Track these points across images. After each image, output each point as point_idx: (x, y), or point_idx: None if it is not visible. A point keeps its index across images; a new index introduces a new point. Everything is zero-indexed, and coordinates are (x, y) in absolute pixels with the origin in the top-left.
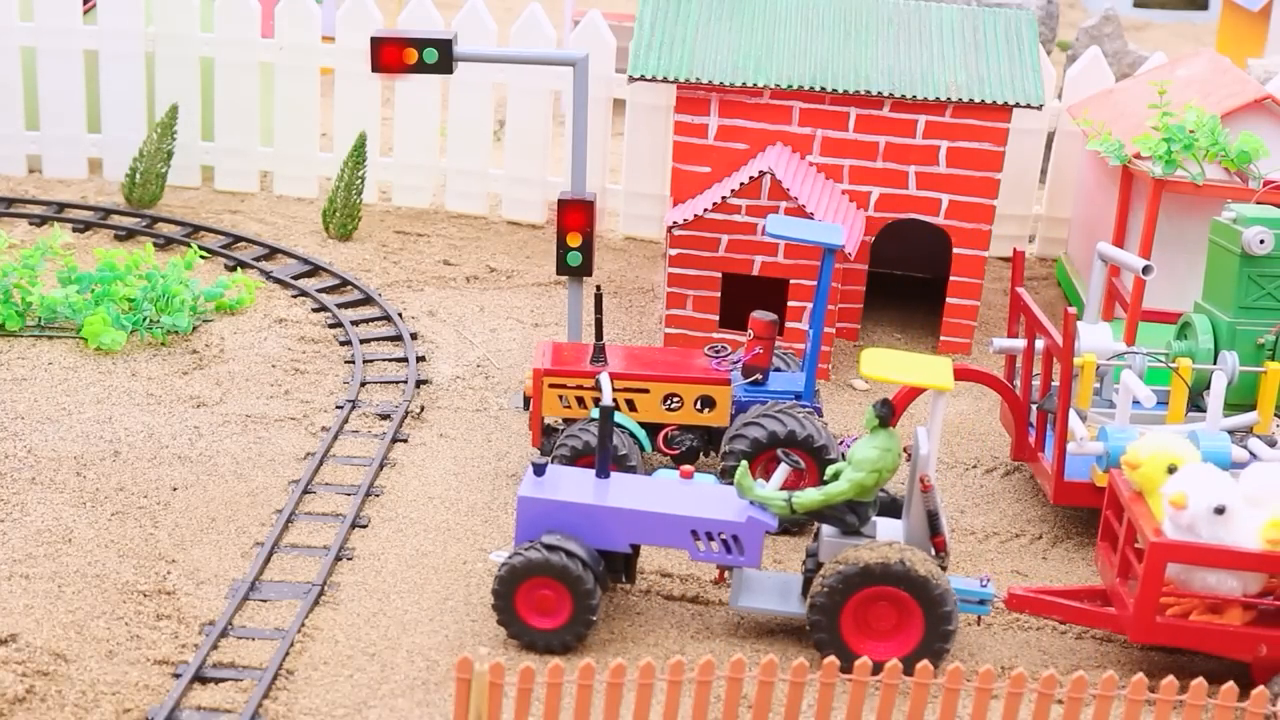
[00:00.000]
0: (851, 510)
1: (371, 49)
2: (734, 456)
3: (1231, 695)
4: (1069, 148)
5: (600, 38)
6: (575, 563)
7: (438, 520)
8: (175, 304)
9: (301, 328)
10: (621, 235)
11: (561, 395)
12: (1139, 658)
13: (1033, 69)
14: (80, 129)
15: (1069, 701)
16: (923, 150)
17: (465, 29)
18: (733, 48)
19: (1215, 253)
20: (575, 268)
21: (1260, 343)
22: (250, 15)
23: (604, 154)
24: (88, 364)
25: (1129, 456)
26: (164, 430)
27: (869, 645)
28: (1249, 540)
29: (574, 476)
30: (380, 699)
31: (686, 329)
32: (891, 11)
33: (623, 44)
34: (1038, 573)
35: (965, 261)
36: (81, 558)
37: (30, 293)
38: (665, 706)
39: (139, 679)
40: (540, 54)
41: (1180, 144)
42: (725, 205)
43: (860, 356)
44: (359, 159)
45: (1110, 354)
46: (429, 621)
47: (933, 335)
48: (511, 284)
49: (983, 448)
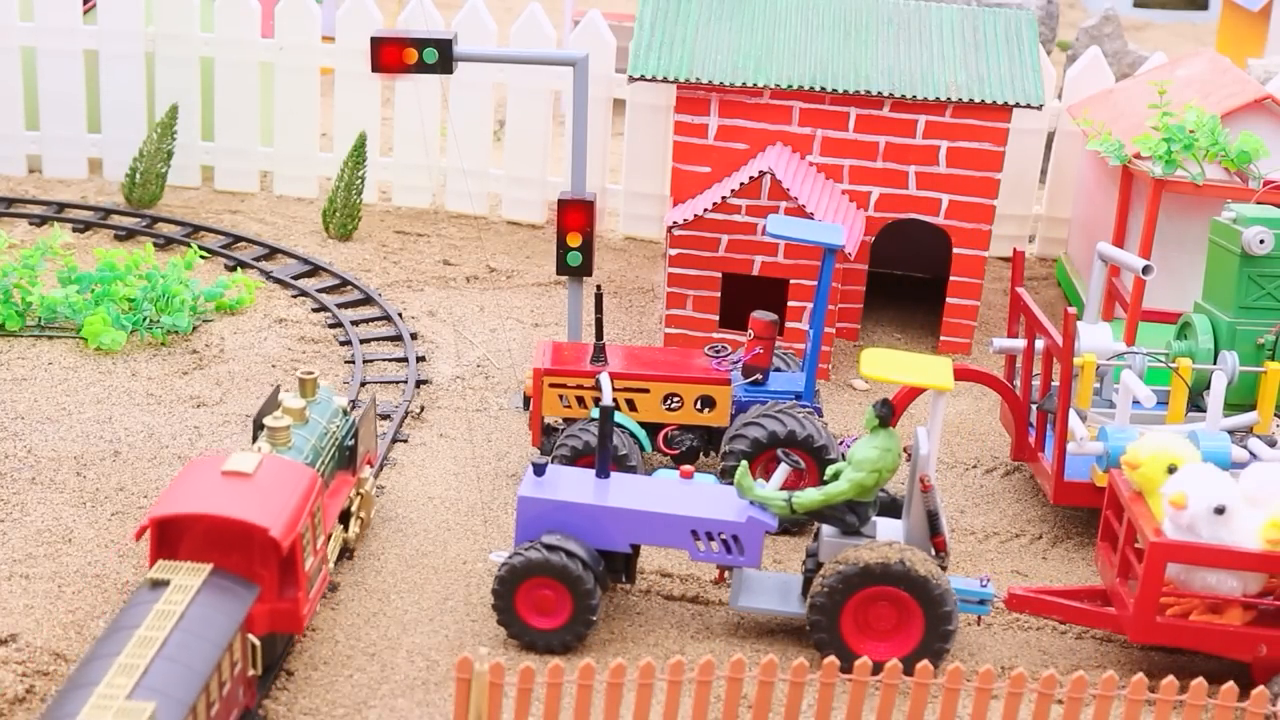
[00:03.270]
0: (851, 510)
1: (371, 49)
2: (734, 456)
3: (1231, 695)
4: (1069, 148)
5: (600, 38)
6: (575, 563)
7: (438, 520)
8: (175, 304)
9: (301, 328)
10: (621, 235)
11: (562, 395)
12: (1139, 658)
13: (1033, 69)
14: (80, 129)
15: (1069, 701)
16: (923, 150)
17: (465, 29)
18: (733, 48)
19: (1215, 253)
20: (575, 268)
21: (1260, 343)
22: (250, 15)
23: (604, 154)
24: (88, 364)
25: (1129, 456)
26: (164, 430)
27: (869, 645)
28: (1249, 540)
29: (574, 476)
30: (380, 699)
31: (686, 329)
32: (891, 11)
33: (623, 44)
34: (1038, 573)
35: (965, 261)
36: (81, 558)
37: (30, 293)
38: (665, 706)
39: None
40: (540, 54)
41: (1180, 144)
42: (725, 205)
43: (860, 356)
44: (359, 159)
45: (1110, 354)
46: (429, 621)
47: (933, 335)
48: (511, 284)
49: (983, 448)
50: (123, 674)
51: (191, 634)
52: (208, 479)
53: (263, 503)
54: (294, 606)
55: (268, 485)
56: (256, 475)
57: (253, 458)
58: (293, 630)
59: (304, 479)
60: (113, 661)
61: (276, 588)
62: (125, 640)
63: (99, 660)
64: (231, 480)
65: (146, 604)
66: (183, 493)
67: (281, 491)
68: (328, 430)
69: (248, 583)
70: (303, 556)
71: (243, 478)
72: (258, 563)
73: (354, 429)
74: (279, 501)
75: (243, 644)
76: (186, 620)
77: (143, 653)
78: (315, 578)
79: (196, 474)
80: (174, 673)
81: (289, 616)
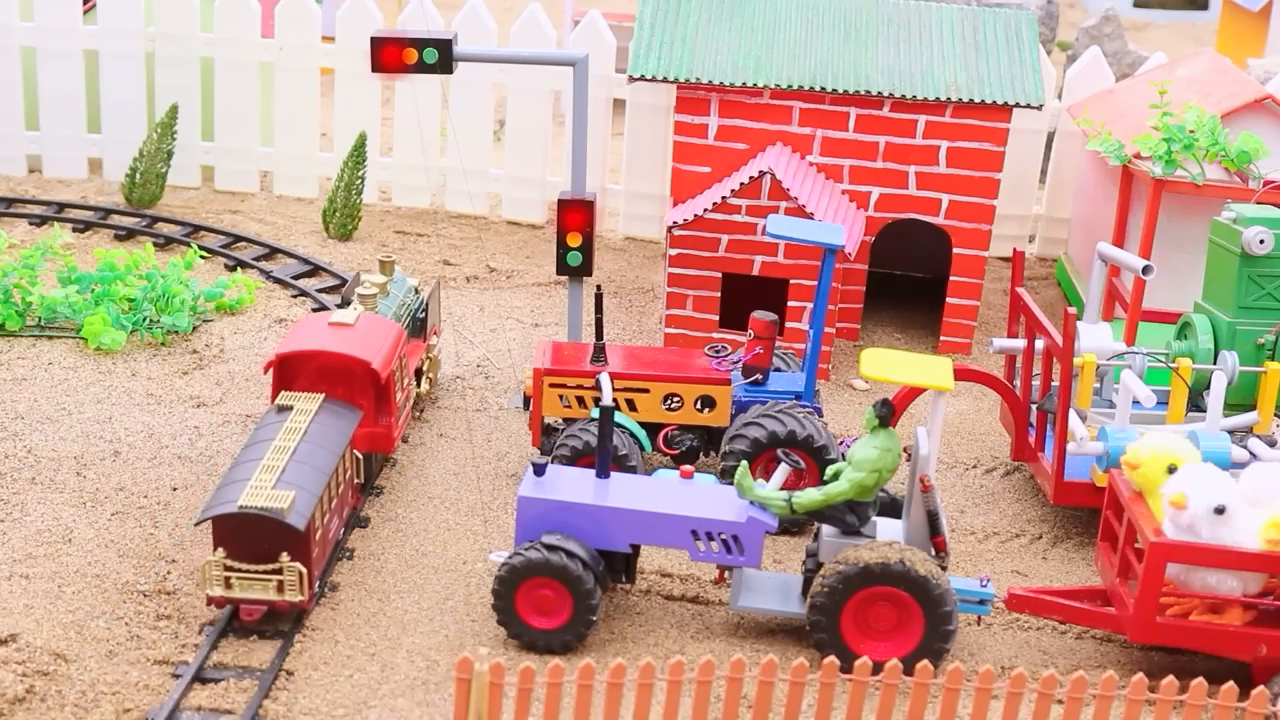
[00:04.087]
0: (851, 510)
1: (371, 49)
2: (734, 456)
3: (1231, 695)
4: (1069, 148)
5: (600, 38)
6: (575, 563)
7: (438, 520)
8: (175, 304)
9: None
10: (621, 235)
11: (562, 395)
12: (1139, 658)
13: (1033, 69)
14: (80, 129)
15: (1069, 701)
16: (923, 150)
17: (465, 29)
18: (733, 48)
19: (1215, 253)
20: (575, 268)
21: (1260, 343)
22: (250, 15)
23: (604, 154)
24: (88, 364)
25: (1129, 456)
26: (164, 430)
27: (869, 645)
28: (1249, 540)
29: (574, 476)
30: (380, 699)
31: (686, 329)
32: (891, 11)
33: (623, 44)
34: (1038, 573)
35: (965, 261)
36: (81, 558)
37: (30, 293)
38: (665, 706)
39: (139, 679)
40: (540, 54)
41: (1180, 144)
42: (725, 205)
43: (860, 356)
44: (359, 159)
45: (1110, 354)
46: (429, 621)
47: (933, 335)
48: (511, 284)
49: (983, 448)
50: (266, 472)
51: (314, 445)
52: (318, 328)
53: (364, 345)
54: (388, 430)
55: (366, 333)
56: (356, 325)
57: (353, 313)
58: (386, 450)
59: (393, 330)
60: (257, 464)
61: (374, 414)
62: (264, 449)
63: (245, 464)
64: (337, 329)
65: (276, 424)
66: (299, 338)
67: (377, 338)
68: (403, 303)
69: (353, 408)
70: (394, 390)
71: (346, 327)
72: (359, 393)
73: (424, 303)
74: (376, 345)
75: (350, 457)
76: (309, 435)
77: (279, 458)
78: (401, 411)
79: (309, 325)
80: (304, 472)
81: (383, 438)
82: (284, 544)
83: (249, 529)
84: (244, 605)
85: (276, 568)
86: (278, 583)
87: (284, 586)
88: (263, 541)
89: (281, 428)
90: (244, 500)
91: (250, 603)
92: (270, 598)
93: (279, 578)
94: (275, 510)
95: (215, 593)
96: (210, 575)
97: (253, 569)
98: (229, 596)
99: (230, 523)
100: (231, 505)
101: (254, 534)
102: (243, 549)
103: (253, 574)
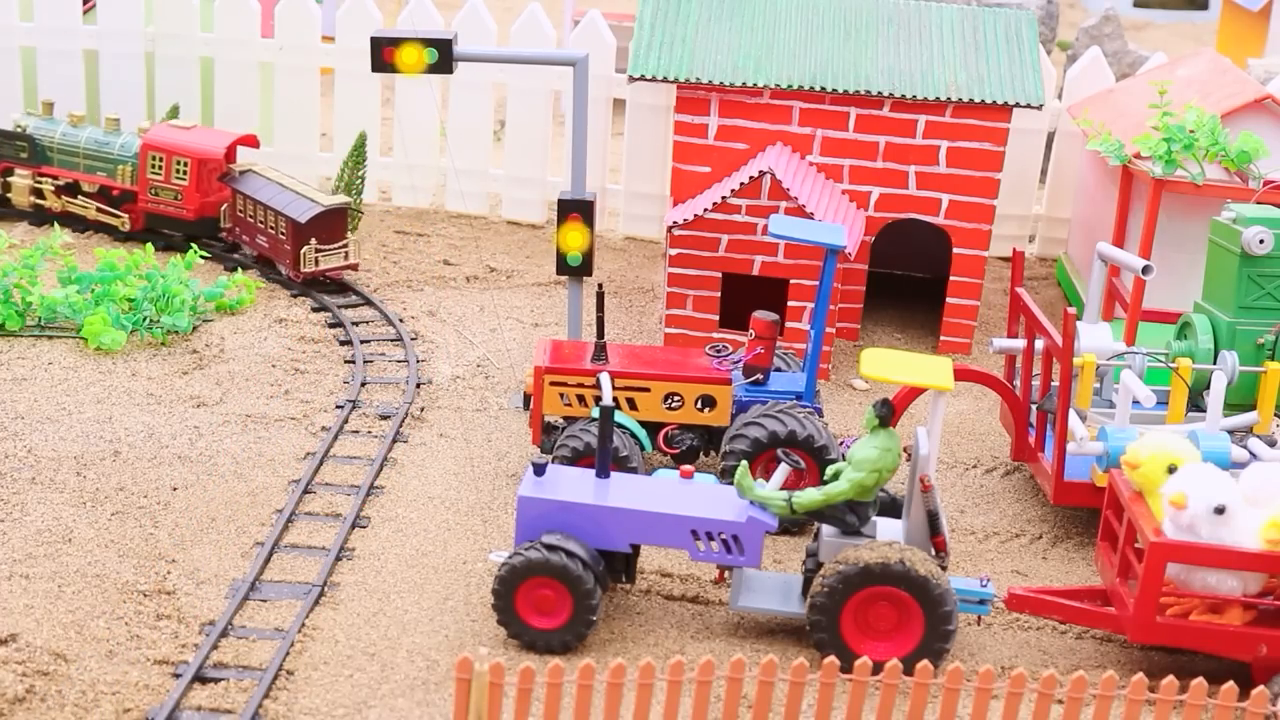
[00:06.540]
0: (851, 510)
1: (371, 49)
2: (734, 456)
3: (1231, 695)
4: (1069, 148)
5: (600, 38)
6: (575, 562)
7: (438, 520)
8: (175, 304)
9: (301, 328)
10: (621, 235)
11: (562, 393)
12: (1139, 658)
13: (1033, 69)
14: None
15: (1069, 701)
16: (923, 150)
17: (465, 29)
18: (733, 48)
19: (1215, 253)
20: (575, 268)
21: (1260, 343)
22: (250, 15)
23: (604, 154)
24: (88, 364)
25: (1129, 456)
26: (164, 430)
27: (869, 645)
28: (1249, 540)
29: (574, 476)
30: (380, 699)
31: (686, 329)
32: (891, 11)
33: (623, 44)
34: (1038, 573)
35: (965, 261)
36: (81, 558)
37: (30, 293)
38: (665, 706)
39: (139, 679)
40: (540, 54)
41: (1180, 144)
42: (725, 205)
43: (860, 356)
44: (359, 159)
45: (1110, 354)
46: (429, 621)
47: (933, 335)
48: (511, 284)
49: (983, 448)
50: None
51: None
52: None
53: None
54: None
55: None
56: None
57: None
58: None
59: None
60: None
61: None
62: None
63: None
64: None
65: None
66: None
67: None
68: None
69: None
70: None
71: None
72: None
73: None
74: None
75: None
76: None
77: None
78: None
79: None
80: None
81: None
82: None
83: None
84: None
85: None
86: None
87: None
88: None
89: None
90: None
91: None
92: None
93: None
94: None
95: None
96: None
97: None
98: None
99: None
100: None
101: None
102: None
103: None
